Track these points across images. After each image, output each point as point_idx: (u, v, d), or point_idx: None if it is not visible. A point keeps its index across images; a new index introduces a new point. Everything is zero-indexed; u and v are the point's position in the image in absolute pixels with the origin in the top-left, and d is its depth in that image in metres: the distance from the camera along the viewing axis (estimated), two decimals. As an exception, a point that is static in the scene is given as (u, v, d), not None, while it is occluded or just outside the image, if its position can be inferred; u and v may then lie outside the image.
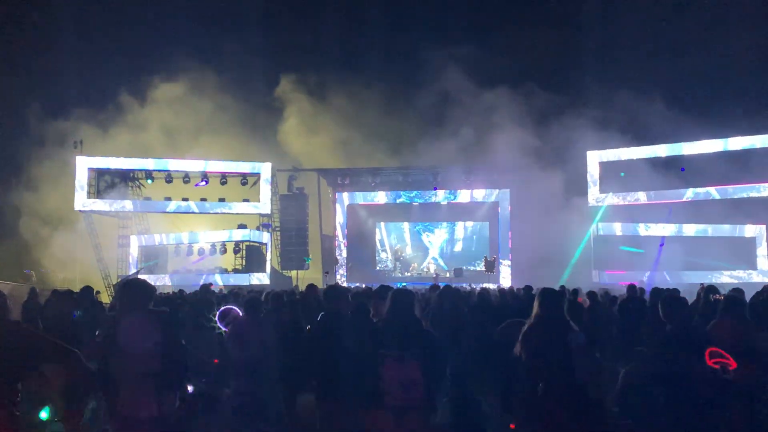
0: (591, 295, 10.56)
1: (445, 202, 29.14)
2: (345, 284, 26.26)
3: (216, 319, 8.47)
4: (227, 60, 31.01)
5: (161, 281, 25.00)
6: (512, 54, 31.02)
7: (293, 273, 28.46)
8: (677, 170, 23.78)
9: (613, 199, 25.20)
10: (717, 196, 23.65)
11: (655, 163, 24.37)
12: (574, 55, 30.51)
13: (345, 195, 29.92)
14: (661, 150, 24.46)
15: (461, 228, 30.18)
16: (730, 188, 23.32)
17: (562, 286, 11.83)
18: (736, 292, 8.45)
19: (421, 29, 32.08)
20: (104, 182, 27.03)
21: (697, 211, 24.09)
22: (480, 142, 26.50)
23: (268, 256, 27.09)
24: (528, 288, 11.19)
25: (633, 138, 24.76)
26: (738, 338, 6.28)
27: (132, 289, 4.75)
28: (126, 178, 27.50)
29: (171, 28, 31.64)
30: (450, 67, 28.12)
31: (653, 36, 26.62)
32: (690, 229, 24.38)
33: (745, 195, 23.17)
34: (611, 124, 24.78)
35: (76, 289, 11.94)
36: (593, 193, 25.28)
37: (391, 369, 4.33)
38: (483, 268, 25.85)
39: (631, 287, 10.27)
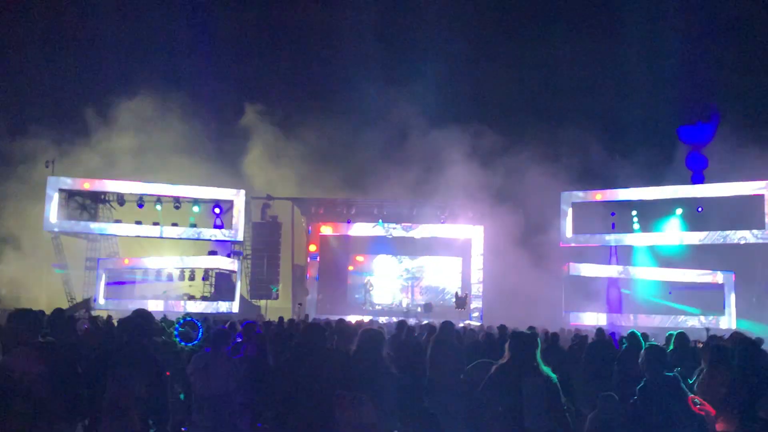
0: (554, 336, 10.52)
1: (418, 236, 29.12)
2: (313, 315, 26.04)
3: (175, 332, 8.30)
4: (193, 85, 30.84)
5: (125, 306, 24.50)
6: (488, 91, 31.46)
7: (262, 302, 28.12)
8: (646, 213, 24.29)
9: (583, 239, 25.44)
10: (688, 242, 24.05)
11: (627, 206, 24.78)
12: (549, 97, 31.06)
13: (318, 225, 29.75)
14: (633, 193, 24.83)
15: (434, 262, 30.16)
16: (701, 234, 23.72)
17: (532, 327, 11.81)
18: (721, 341, 8.52)
19: (392, 65, 32.20)
20: (75, 203, 26.69)
21: (667, 255, 24.44)
22: (453, 179, 26.69)
23: (238, 285, 26.75)
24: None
25: (605, 180, 25.13)
26: (722, 388, 6.30)
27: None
28: (97, 199, 27.20)
29: (139, 49, 31.63)
30: (426, 101, 28.46)
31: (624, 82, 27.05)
32: (659, 273, 24.64)
33: (717, 241, 23.55)
34: (584, 165, 25.17)
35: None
36: (565, 233, 25.47)
37: (345, 410, 4.21)
38: (454, 304, 25.77)
39: (600, 331, 10.29)
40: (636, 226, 24.78)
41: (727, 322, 22.85)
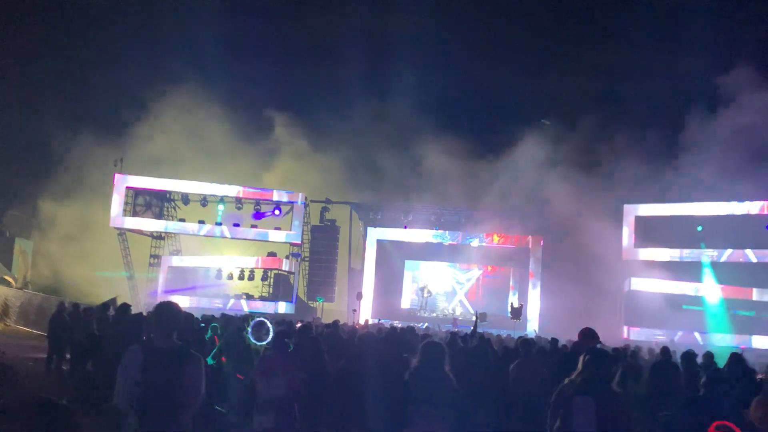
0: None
1: (476, 245, 28.94)
2: (370, 320, 26.17)
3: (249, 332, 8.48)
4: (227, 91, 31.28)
5: (186, 304, 25.18)
6: (552, 100, 31.12)
7: (318, 304, 28.45)
8: (715, 229, 23.50)
9: (646, 254, 24.87)
10: (754, 259, 23.23)
11: (692, 221, 24.09)
12: (617, 107, 30.49)
13: (376, 230, 29.90)
14: (698, 208, 24.14)
15: (491, 271, 29.94)
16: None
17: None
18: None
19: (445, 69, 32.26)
20: (141, 201, 27.57)
21: (732, 273, 23.65)
22: (515, 188, 26.45)
23: (295, 286, 27.16)
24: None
25: (670, 195, 24.44)
26: None
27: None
28: (162, 198, 28.03)
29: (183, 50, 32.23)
30: (484, 108, 28.29)
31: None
32: (725, 291, 23.87)
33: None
34: (649, 179, 24.52)
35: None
36: (627, 248, 24.99)
37: (418, 425, 4.26)
38: (510, 315, 25.47)
39: (665, 349, 10.04)
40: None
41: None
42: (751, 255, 23.28)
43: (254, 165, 30.04)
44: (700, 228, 23.98)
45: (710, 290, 24.02)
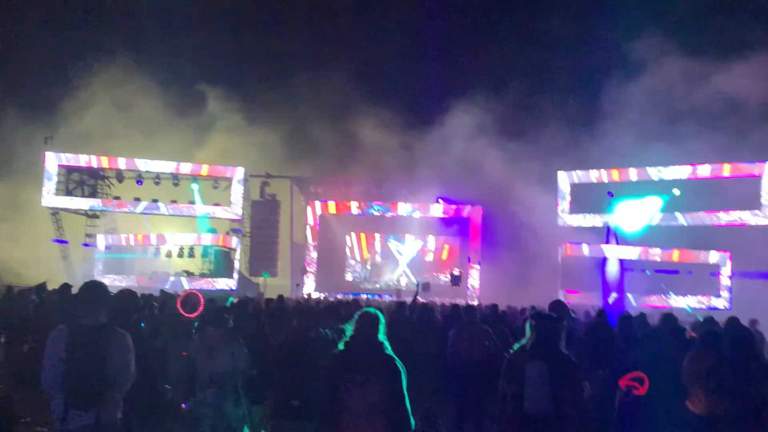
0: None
1: (417, 215, 29.20)
2: (314, 293, 26.22)
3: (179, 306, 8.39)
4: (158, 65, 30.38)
5: (126, 282, 24.69)
6: (486, 68, 31.38)
7: (261, 280, 28.30)
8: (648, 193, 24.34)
9: (581, 219, 25.58)
10: (684, 223, 24.15)
11: (625, 186, 24.83)
12: (552, 74, 30.96)
13: (317, 204, 29.78)
14: (632, 174, 24.91)
15: (432, 241, 30.28)
16: (696, 215, 23.89)
17: (534, 307, 11.96)
18: (713, 325, 8.64)
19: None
20: (73, 180, 26.80)
21: (663, 236, 24.52)
22: (452, 157, 26.67)
23: (237, 262, 26.92)
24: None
25: (604, 160, 25.08)
26: (711, 372, 6.46)
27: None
28: (96, 176, 27.29)
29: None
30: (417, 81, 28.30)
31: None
32: (655, 254, 24.74)
33: (709, 222, 23.74)
34: (582, 146, 25.11)
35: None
36: (562, 213, 25.64)
37: (353, 394, 4.31)
38: (450, 283, 25.88)
39: (601, 311, 10.37)
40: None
41: (722, 303, 23.10)
42: (680, 218, 24.18)
43: (189, 140, 29.29)
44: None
45: (640, 253, 24.85)
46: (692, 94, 23.10)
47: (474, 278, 27.92)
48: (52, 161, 25.92)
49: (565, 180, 25.80)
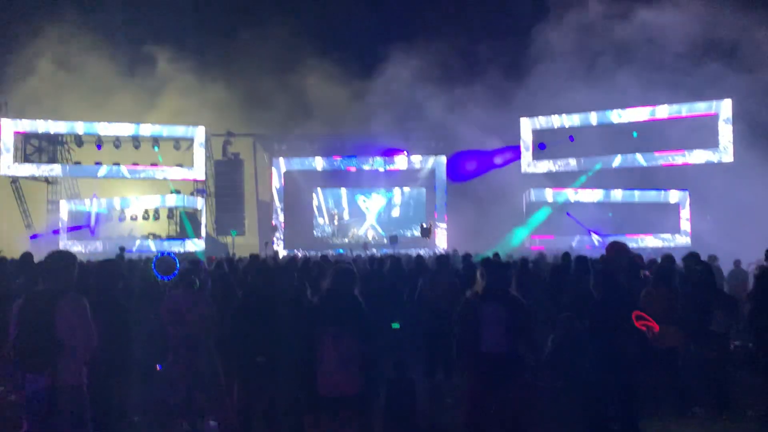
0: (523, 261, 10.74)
1: (382, 169, 29.19)
2: (282, 251, 26.25)
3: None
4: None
5: (92, 247, 24.44)
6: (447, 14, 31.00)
7: (229, 239, 28.17)
8: (606, 137, 24.67)
9: (545, 165, 25.87)
10: (643, 163, 24.58)
11: (585, 131, 25.12)
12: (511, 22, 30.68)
13: (281, 161, 29.55)
14: (591, 118, 25.17)
15: (398, 194, 30.37)
16: (654, 155, 24.33)
17: (496, 253, 12.13)
18: (668, 262, 8.91)
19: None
20: (31, 146, 26.24)
21: (624, 177, 24.97)
22: (416, 107, 26.57)
23: (204, 222, 26.75)
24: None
25: (565, 105, 25.20)
26: (666, 305, 6.75)
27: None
28: (54, 142, 26.75)
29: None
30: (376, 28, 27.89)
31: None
32: (617, 195, 25.21)
33: (669, 161, 24.20)
34: (544, 91, 25.15)
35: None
36: (526, 160, 25.88)
37: (328, 346, 4.42)
38: (421, 234, 26.11)
39: (566, 254, 10.59)
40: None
41: (683, 240, 23.78)
42: (640, 158, 24.60)
43: (143, 102, 28.65)
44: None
45: (601, 195, 25.28)
46: (646, 35, 23.22)
47: (441, 229, 28.17)
48: (9, 128, 25.28)
49: (527, 126, 25.95)
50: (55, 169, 26.53)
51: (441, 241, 27.87)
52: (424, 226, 25.76)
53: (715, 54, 22.18)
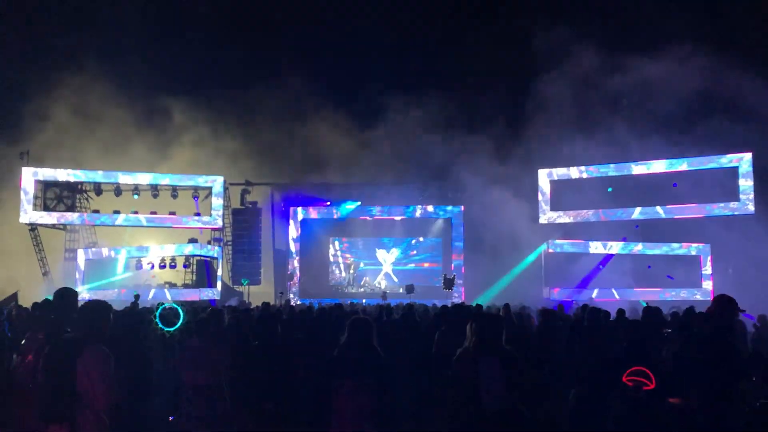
0: (544, 313, 10.50)
1: (399, 218, 29.19)
2: (297, 300, 26.11)
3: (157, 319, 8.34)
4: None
5: (109, 296, 24.43)
6: (465, 71, 31.30)
7: (245, 288, 28.13)
8: (627, 190, 24.57)
9: (563, 217, 25.74)
10: (663, 215, 24.39)
11: (604, 182, 25.06)
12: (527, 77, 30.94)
13: (299, 210, 29.67)
14: (611, 170, 25.13)
15: (414, 244, 30.29)
16: (675, 207, 24.14)
17: (507, 305, 11.93)
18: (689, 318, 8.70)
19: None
20: (51, 194, 26.56)
21: (644, 230, 24.77)
22: (433, 159, 26.67)
23: (219, 271, 26.77)
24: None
25: (583, 157, 25.18)
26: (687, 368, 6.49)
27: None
28: (74, 190, 27.08)
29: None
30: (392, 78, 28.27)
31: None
32: (637, 247, 24.96)
33: (689, 215, 23.98)
34: (562, 143, 25.21)
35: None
36: (544, 212, 25.78)
37: (344, 399, 4.31)
38: (442, 286, 25.73)
39: (585, 306, 10.39)
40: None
41: (705, 294, 23.36)
42: (660, 211, 24.41)
43: (163, 152, 28.95)
44: (610, 189, 25.00)
45: (624, 248, 25.05)
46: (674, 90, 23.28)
47: (459, 279, 27.89)
48: (29, 177, 25.66)
49: (545, 178, 25.94)
50: (73, 218, 26.83)
51: (459, 293, 27.57)
52: (448, 276, 25.32)
53: (735, 108, 22.17)
